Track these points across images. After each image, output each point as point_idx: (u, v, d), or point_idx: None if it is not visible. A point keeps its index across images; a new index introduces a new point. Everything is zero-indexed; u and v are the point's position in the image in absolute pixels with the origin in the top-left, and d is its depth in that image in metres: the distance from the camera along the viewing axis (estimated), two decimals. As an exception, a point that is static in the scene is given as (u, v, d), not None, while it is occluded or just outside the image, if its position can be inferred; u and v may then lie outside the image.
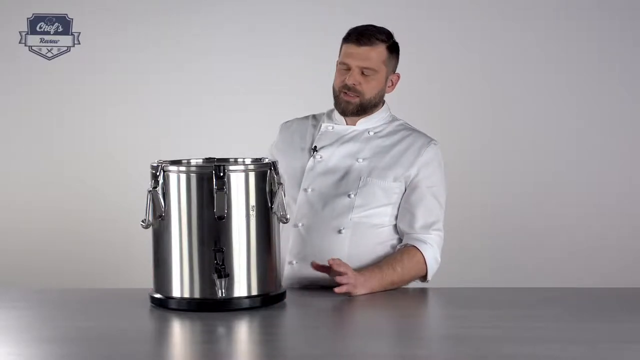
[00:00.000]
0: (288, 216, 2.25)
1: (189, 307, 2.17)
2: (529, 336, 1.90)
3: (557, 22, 4.38)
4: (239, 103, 4.37)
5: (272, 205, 2.22)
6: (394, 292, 2.54)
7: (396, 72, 2.70)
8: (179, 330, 2.08)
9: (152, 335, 2.06)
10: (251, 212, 2.18)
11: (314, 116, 2.79)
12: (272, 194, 2.23)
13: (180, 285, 2.18)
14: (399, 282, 2.52)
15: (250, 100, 4.36)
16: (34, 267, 4.33)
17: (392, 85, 2.69)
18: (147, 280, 2.31)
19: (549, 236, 4.36)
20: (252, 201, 2.19)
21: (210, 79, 4.41)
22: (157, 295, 2.22)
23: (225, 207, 2.14)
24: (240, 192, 2.18)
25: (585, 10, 4.36)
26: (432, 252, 2.56)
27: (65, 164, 4.42)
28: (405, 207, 2.61)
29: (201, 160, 2.37)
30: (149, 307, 2.22)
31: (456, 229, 4.32)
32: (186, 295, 2.18)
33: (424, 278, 2.59)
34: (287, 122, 2.82)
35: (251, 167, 2.23)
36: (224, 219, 2.14)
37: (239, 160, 2.42)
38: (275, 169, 2.25)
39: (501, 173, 4.38)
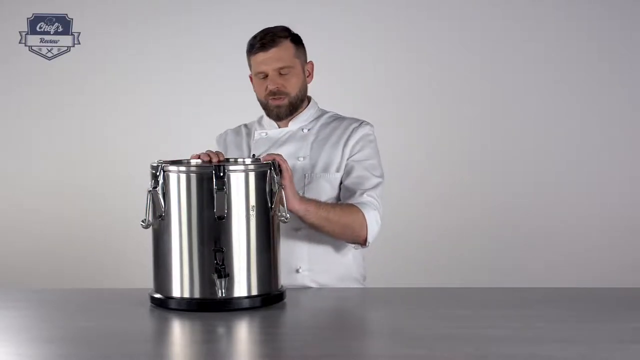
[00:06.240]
0: (288, 216, 2.25)
1: (189, 307, 2.17)
2: (529, 336, 1.90)
3: (557, 22, 4.38)
4: (239, 103, 4.36)
5: (272, 205, 2.22)
6: (393, 291, 2.53)
7: (308, 60, 2.72)
8: (179, 330, 2.08)
9: (152, 335, 2.06)
10: (251, 212, 2.18)
11: (245, 125, 2.83)
12: (272, 194, 2.22)
13: (180, 285, 2.18)
14: (335, 220, 2.46)
15: (250, 100, 4.34)
16: (34, 267, 4.33)
17: (310, 74, 2.73)
18: (147, 280, 2.31)
19: (549, 236, 4.36)
20: (252, 201, 2.19)
21: (210, 79, 4.41)
22: (157, 295, 2.22)
23: (225, 207, 2.14)
24: (240, 192, 2.18)
25: (585, 10, 4.37)
26: (372, 214, 2.52)
27: (65, 164, 4.42)
28: (344, 187, 2.61)
29: (201, 160, 2.37)
30: (149, 307, 2.22)
31: (456, 229, 4.36)
32: (186, 295, 2.18)
33: (364, 242, 2.54)
34: (221, 134, 2.85)
35: (251, 167, 2.23)
36: (224, 219, 2.14)
37: (239, 160, 2.43)
38: (275, 169, 2.25)
39: (501, 173, 4.38)
